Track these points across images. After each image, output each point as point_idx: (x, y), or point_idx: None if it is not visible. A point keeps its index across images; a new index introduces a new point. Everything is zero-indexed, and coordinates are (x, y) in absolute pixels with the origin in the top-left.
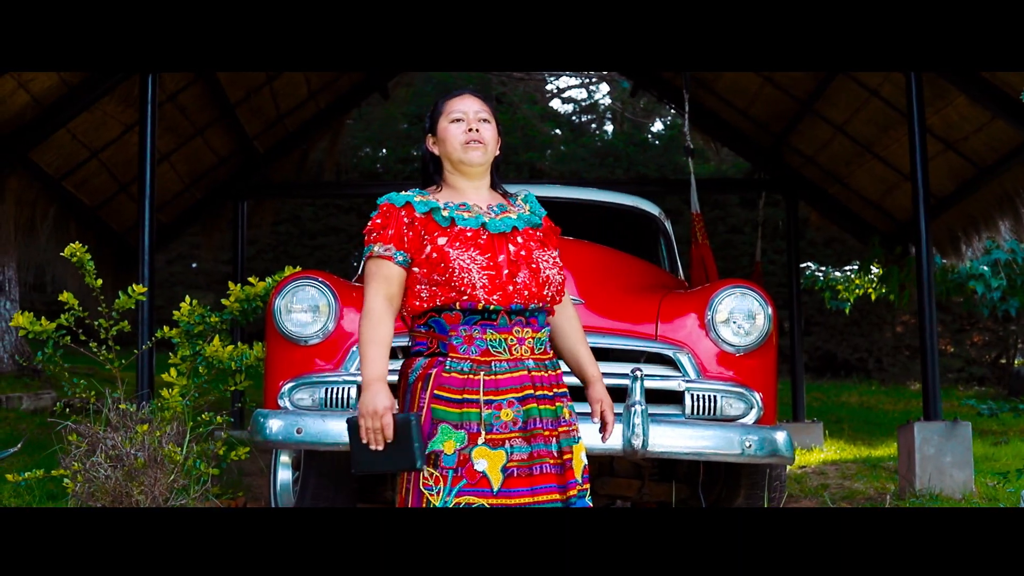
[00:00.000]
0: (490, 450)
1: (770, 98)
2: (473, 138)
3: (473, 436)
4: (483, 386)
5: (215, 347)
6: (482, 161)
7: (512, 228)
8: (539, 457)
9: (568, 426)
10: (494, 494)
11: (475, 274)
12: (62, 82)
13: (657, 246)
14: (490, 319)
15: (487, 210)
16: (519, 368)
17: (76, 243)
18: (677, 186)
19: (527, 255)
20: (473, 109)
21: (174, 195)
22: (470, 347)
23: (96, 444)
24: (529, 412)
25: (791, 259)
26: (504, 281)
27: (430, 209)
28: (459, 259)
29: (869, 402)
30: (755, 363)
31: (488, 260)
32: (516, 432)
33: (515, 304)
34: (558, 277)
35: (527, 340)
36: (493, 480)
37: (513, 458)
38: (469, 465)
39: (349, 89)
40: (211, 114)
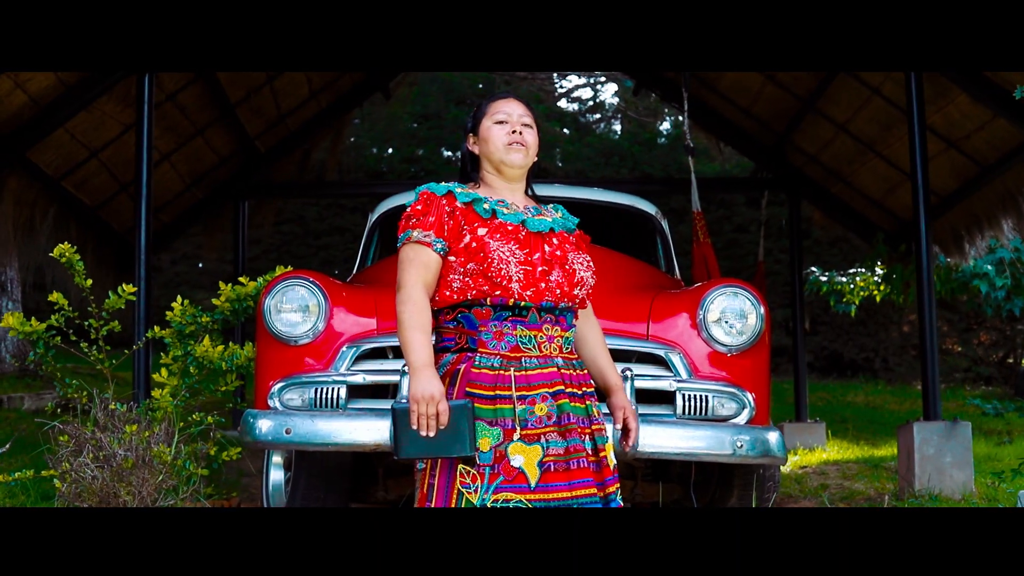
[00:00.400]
0: (526, 445)
1: (772, 97)
2: (516, 140)
3: (508, 432)
4: (515, 381)
5: (205, 347)
6: (523, 163)
7: (550, 229)
8: (575, 452)
9: (600, 424)
10: (532, 489)
11: (512, 267)
12: (59, 82)
13: (654, 245)
14: (521, 315)
15: (525, 209)
16: (549, 364)
17: (66, 244)
18: (682, 185)
19: (562, 255)
20: (517, 112)
21: (175, 195)
22: (500, 343)
23: (83, 445)
24: (562, 408)
25: (794, 258)
26: (538, 278)
27: (472, 200)
28: (499, 251)
29: (875, 402)
30: (747, 363)
31: (526, 255)
32: (551, 427)
33: (546, 301)
34: (591, 280)
35: (556, 338)
36: (530, 475)
37: (549, 453)
38: (506, 461)
39: (350, 89)
40: (211, 114)
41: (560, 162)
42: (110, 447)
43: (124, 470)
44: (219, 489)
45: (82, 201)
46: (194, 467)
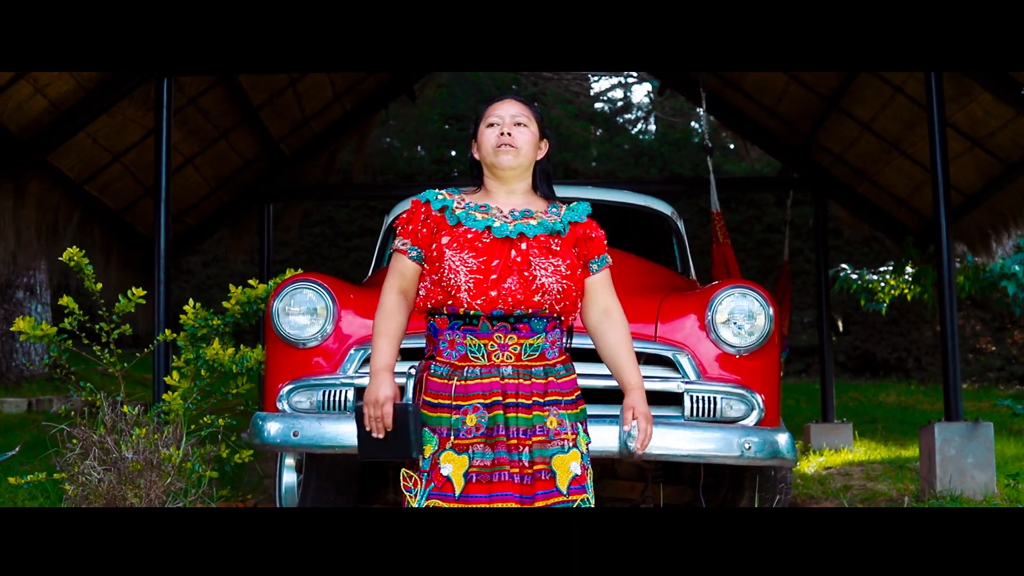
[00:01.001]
0: (456, 455)
1: (796, 96)
2: (504, 142)
3: (443, 440)
4: (454, 391)
5: (215, 350)
6: (513, 165)
7: (519, 234)
8: (499, 464)
9: (547, 436)
10: (456, 498)
11: (462, 276)
12: (79, 86)
13: (670, 246)
14: (472, 324)
15: (506, 214)
16: (491, 374)
17: (74, 248)
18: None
19: (523, 261)
20: (510, 113)
21: (200, 198)
22: (452, 351)
23: (90, 448)
24: (495, 419)
25: (820, 258)
26: (490, 286)
27: (443, 207)
28: (451, 259)
29: (907, 402)
30: (756, 364)
31: (480, 263)
32: (479, 438)
33: (497, 310)
34: (556, 286)
35: (510, 347)
36: (456, 484)
37: (474, 463)
38: (437, 469)
39: (375, 91)
40: (234, 117)
41: (592, 162)
42: (117, 450)
43: (132, 473)
44: (235, 491)
45: (106, 205)
46: (204, 469)
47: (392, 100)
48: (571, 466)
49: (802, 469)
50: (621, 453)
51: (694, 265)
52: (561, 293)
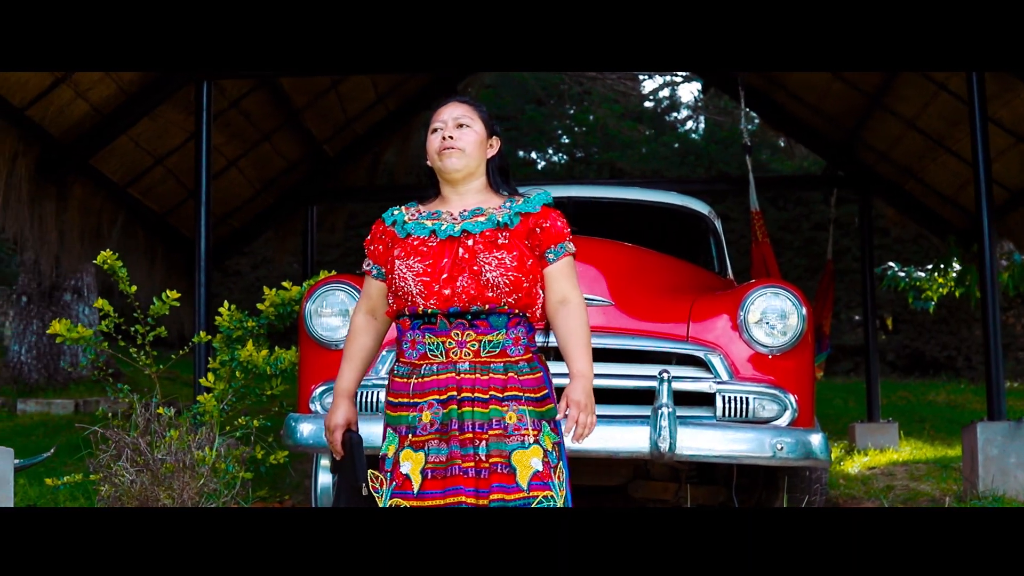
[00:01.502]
0: (413, 452)
1: (839, 93)
2: (446, 145)
3: (403, 439)
4: (412, 389)
5: (248, 351)
6: (459, 167)
7: (463, 232)
8: (452, 459)
9: (504, 430)
10: (414, 495)
11: (410, 282)
12: (119, 90)
13: (706, 245)
14: (430, 323)
15: (455, 216)
16: (448, 371)
17: (107, 251)
18: (760, 184)
19: (471, 258)
20: (452, 116)
21: (244, 200)
22: (413, 351)
23: (122, 449)
24: (449, 414)
25: (865, 256)
26: (442, 285)
27: (394, 222)
28: (399, 268)
29: (957, 401)
30: (790, 364)
31: (427, 267)
32: (433, 434)
33: (453, 307)
34: (502, 279)
35: (468, 343)
36: (414, 481)
37: (430, 460)
38: (397, 468)
39: (418, 92)
40: (276, 119)
41: (638, 162)
42: (149, 451)
43: (165, 474)
44: (274, 492)
45: (150, 208)
46: (238, 470)
47: (435, 101)
48: (532, 462)
49: (845, 469)
50: (651, 454)
51: (741, 265)
52: (509, 286)
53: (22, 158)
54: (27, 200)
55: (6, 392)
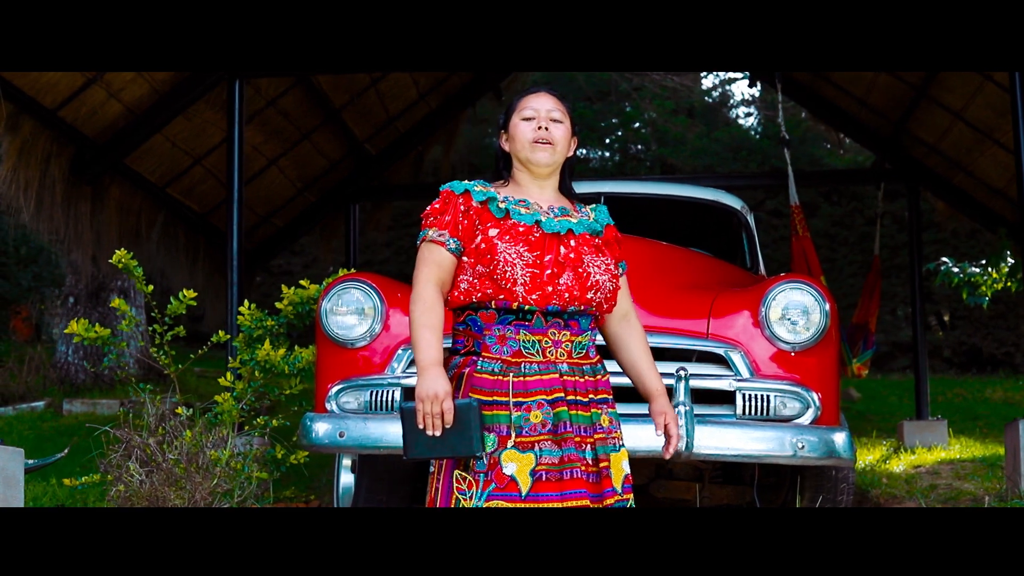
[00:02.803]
0: (519, 453)
1: (885, 85)
2: (541, 137)
3: (503, 439)
4: (512, 387)
5: (266, 350)
6: (549, 162)
7: (568, 230)
8: (569, 462)
9: (606, 433)
10: (523, 498)
11: (519, 269)
12: (152, 90)
13: (739, 240)
14: (525, 319)
15: (547, 210)
16: (550, 371)
17: (122, 251)
18: (813, 178)
19: (576, 258)
20: (546, 107)
21: (286, 200)
22: (503, 347)
23: (132, 449)
24: (559, 415)
25: (914, 251)
26: (546, 281)
27: (487, 199)
28: (506, 252)
29: (1014, 398)
30: (813, 361)
31: (535, 257)
32: (546, 435)
33: (552, 305)
34: (608, 284)
35: (563, 343)
36: (522, 483)
37: (542, 461)
38: (498, 468)
39: (460, 89)
40: (315, 118)
41: (689, 157)
42: (160, 452)
43: (176, 475)
44: (298, 492)
45: (191, 208)
46: (252, 470)
47: (479, 98)
48: (623, 464)
49: (891, 468)
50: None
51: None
52: (611, 292)
53: (55, 159)
54: (61, 201)
55: (52, 392)
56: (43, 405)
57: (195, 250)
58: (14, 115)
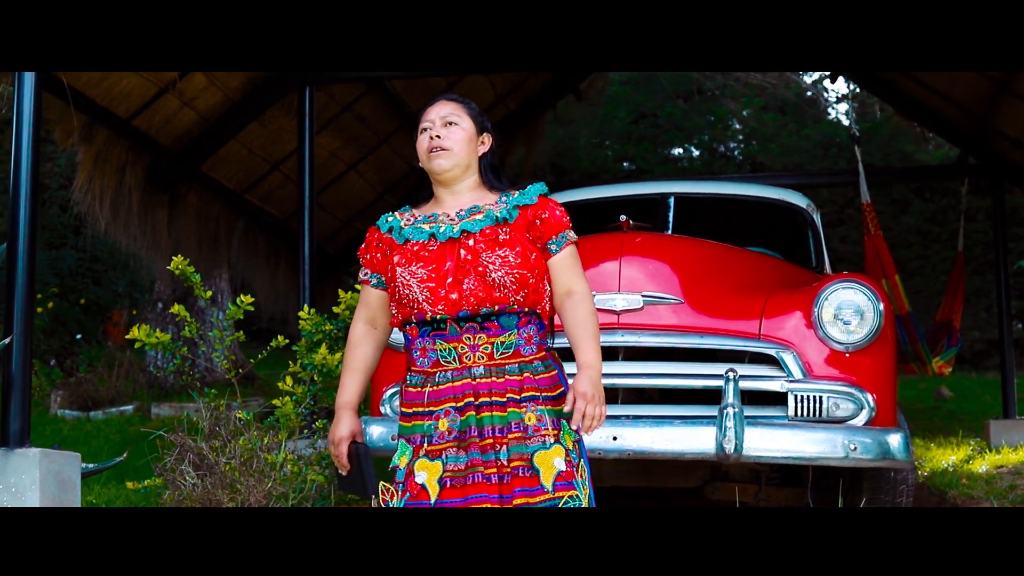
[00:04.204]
0: (429, 462)
1: (968, 80)
2: (434, 145)
3: (417, 448)
4: (427, 397)
5: (322, 355)
6: (446, 167)
7: (463, 232)
8: (473, 466)
9: (524, 432)
10: (432, 505)
11: (415, 288)
12: (226, 98)
13: (805, 239)
14: (440, 329)
15: (452, 217)
16: (463, 376)
17: (179, 257)
18: (895, 175)
19: (474, 259)
20: (440, 115)
21: (368, 203)
22: (424, 359)
23: (185, 453)
24: (467, 421)
25: (999, 247)
26: (448, 290)
27: (390, 228)
28: (401, 275)
29: None
30: (867, 361)
31: (430, 272)
32: (452, 442)
33: (463, 311)
34: (507, 278)
35: (481, 346)
36: (431, 492)
37: (448, 468)
38: (412, 478)
39: (539, 91)
40: (392, 122)
41: (779, 154)
42: (211, 455)
43: (229, 478)
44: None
45: (270, 213)
46: (308, 473)
47: (559, 99)
48: (555, 462)
49: (973, 468)
50: (717, 455)
51: (893, 259)
52: (516, 284)
53: (131, 167)
54: (138, 209)
55: (141, 396)
56: (132, 409)
57: (276, 255)
58: (88, 125)
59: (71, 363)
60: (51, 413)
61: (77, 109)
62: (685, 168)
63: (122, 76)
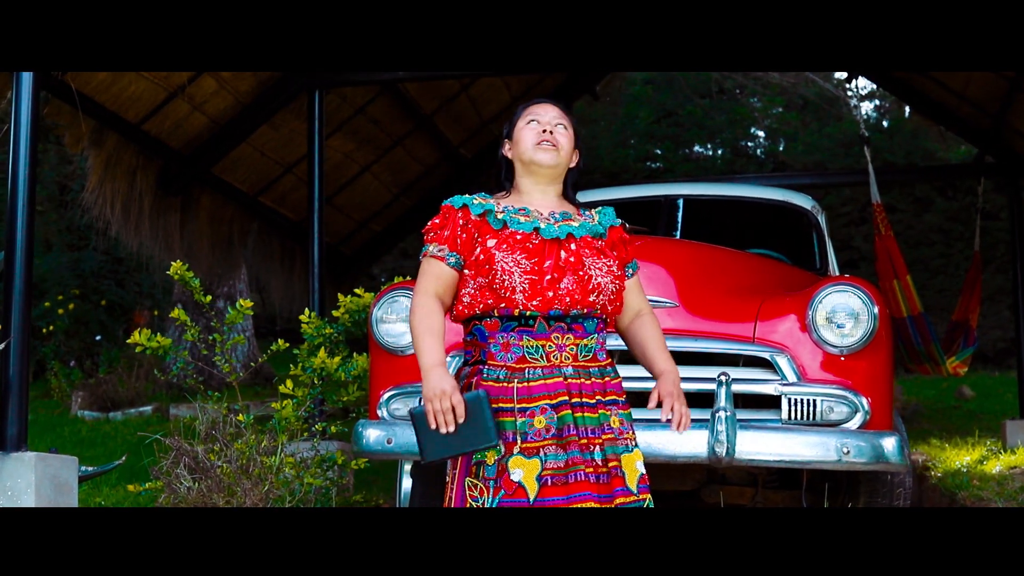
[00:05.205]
0: (525, 459)
1: (982, 78)
2: (545, 138)
3: (509, 445)
4: (516, 394)
5: (321, 358)
6: (552, 163)
7: (568, 235)
8: (574, 465)
9: (615, 434)
10: (530, 503)
11: (517, 277)
12: (236, 101)
13: (808, 241)
14: (527, 325)
15: (547, 216)
16: (554, 375)
17: (178, 263)
18: (921, 173)
19: (576, 261)
20: (550, 115)
21: (383, 205)
22: (507, 354)
23: (181, 456)
24: (563, 419)
25: (1016, 247)
26: (546, 286)
27: (485, 211)
28: (503, 261)
29: None
30: (862, 365)
31: (533, 264)
32: (550, 440)
33: (554, 310)
34: (611, 285)
35: (568, 347)
36: (529, 489)
37: (548, 466)
38: (506, 475)
39: (554, 91)
40: (406, 125)
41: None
42: (206, 459)
43: (224, 482)
44: (369, 495)
45: (286, 216)
46: (304, 476)
47: (575, 100)
48: (637, 465)
49: (986, 469)
50: (709, 459)
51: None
52: (615, 293)
53: (142, 172)
54: (150, 212)
55: (160, 397)
56: (151, 410)
57: (291, 258)
58: (97, 130)
59: (91, 364)
60: (72, 414)
61: (86, 114)
62: (707, 167)
63: (131, 81)
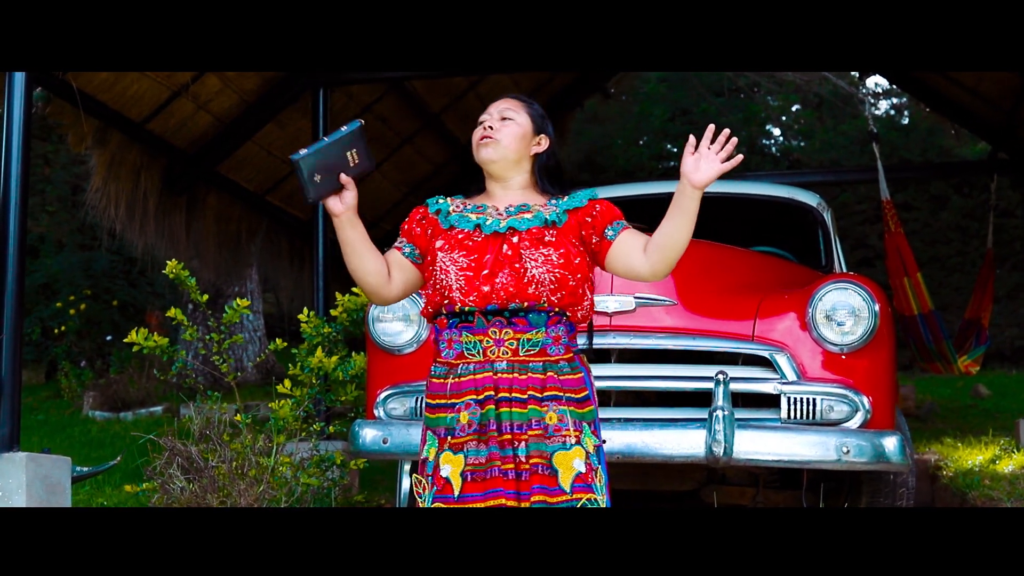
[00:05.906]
0: (452, 455)
1: (995, 75)
2: (483, 135)
3: (442, 441)
4: (449, 389)
5: (318, 358)
6: (493, 157)
7: (509, 228)
8: (491, 460)
9: (545, 431)
10: (456, 499)
11: (452, 275)
12: (241, 100)
13: (814, 238)
14: (467, 321)
15: (500, 212)
16: (484, 370)
17: (174, 261)
18: (934, 170)
19: (514, 255)
20: (498, 109)
21: (393, 203)
22: (449, 351)
23: (174, 457)
24: (486, 415)
25: None
26: (481, 282)
27: (438, 209)
28: (442, 260)
29: None
30: (863, 363)
31: (471, 261)
32: (472, 435)
33: (491, 305)
34: (548, 276)
35: (507, 341)
36: (455, 485)
37: (469, 462)
38: (438, 471)
39: (563, 90)
40: (414, 123)
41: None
42: (200, 459)
43: (218, 482)
44: (371, 495)
45: (294, 215)
46: (305, 476)
47: (585, 98)
48: (574, 463)
49: (998, 468)
50: (707, 458)
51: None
52: (555, 283)
53: (146, 171)
54: (155, 212)
55: (171, 397)
56: (161, 410)
57: (300, 257)
58: (101, 129)
59: (102, 364)
60: (83, 414)
61: (89, 114)
62: None
63: (133, 80)
